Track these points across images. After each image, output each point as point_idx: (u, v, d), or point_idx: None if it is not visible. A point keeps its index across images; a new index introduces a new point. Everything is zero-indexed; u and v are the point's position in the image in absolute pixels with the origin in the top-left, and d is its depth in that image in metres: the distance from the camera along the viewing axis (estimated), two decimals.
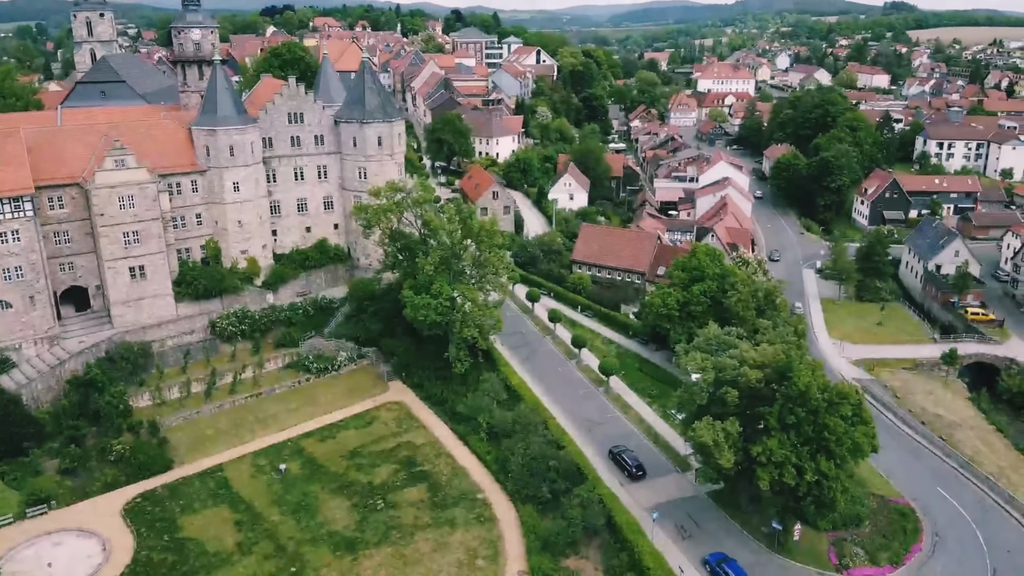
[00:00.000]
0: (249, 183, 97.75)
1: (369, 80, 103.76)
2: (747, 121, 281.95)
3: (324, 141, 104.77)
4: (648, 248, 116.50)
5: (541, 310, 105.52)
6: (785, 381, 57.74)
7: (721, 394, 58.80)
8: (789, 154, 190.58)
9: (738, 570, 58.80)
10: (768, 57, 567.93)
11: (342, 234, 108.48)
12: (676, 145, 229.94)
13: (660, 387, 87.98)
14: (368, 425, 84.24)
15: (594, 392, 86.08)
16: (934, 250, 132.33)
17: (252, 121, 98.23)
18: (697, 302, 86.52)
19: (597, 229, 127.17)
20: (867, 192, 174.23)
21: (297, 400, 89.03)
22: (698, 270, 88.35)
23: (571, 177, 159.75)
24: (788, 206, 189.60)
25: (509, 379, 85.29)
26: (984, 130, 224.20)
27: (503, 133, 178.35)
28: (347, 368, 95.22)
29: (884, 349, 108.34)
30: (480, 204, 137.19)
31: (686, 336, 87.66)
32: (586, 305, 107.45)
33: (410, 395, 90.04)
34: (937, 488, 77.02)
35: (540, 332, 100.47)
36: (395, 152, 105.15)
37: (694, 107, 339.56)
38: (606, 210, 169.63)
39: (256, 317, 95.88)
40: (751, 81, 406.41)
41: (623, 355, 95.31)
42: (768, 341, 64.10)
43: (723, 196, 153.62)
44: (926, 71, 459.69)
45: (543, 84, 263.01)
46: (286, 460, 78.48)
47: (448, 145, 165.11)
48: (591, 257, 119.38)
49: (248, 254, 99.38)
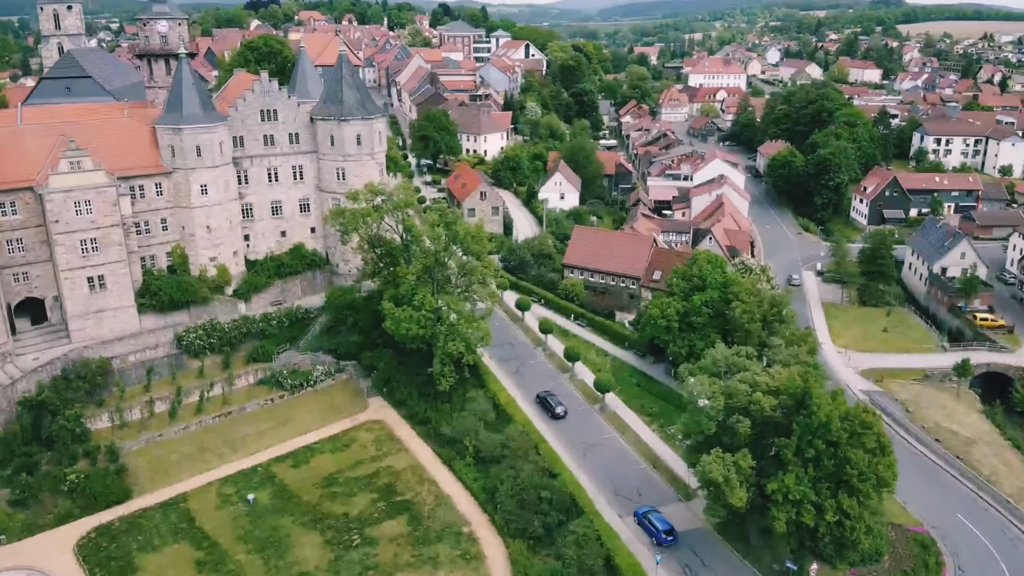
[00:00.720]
0: (218, 185, 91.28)
1: (347, 75, 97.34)
2: (740, 117, 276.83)
3: (299, 140, 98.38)
4: (643, 252, 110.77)
5: (532, 319, 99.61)
6: (803, 410, 52.09)
7: (732, 423, 53.12)
8: (785, 151, 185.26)
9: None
10: (758, 51, 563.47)
11: (320, 239, 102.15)
12: (668, 142, 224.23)
13: (659, 404, 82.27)
14: (345, 448, 78.14)
15: (589, 410, 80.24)
16: (939, 251, 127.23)
17: (221, 119, 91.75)
18: (698, 313, 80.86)
19: (590, 232, 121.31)
20: (866, 190, 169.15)
21: (269, 420, 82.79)
22: (699, 278, 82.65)
23: (562, 176, 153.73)
24: (784, 205, 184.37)
25: (497, 397, 79.36)
26: (982, 126, 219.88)
27: (491, 130, 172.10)
28: (324, 384, 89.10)
29: (892, 358, 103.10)
30: (467, 205, 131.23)
31: (685, 348, 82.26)
32: (579, 314, 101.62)
33: (391, 413, 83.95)
34: (957, 515, 71.76)
35: (531, 343, 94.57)
36: (375, 152, 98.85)
37: (685, 102, 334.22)
38: (598, 210, 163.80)
39: (226, 329, 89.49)
40: (742, 76, 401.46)
41: (619, 368, 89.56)
42: (782, 362, 58.49)
43: (719, 195, 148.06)
44: (917, 65, 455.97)
45: (532, 79, 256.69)
46: (255, 488, 72.29)
47: (434, 142, 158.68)
48: (584, 261, 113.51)
49: (218, 261, 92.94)
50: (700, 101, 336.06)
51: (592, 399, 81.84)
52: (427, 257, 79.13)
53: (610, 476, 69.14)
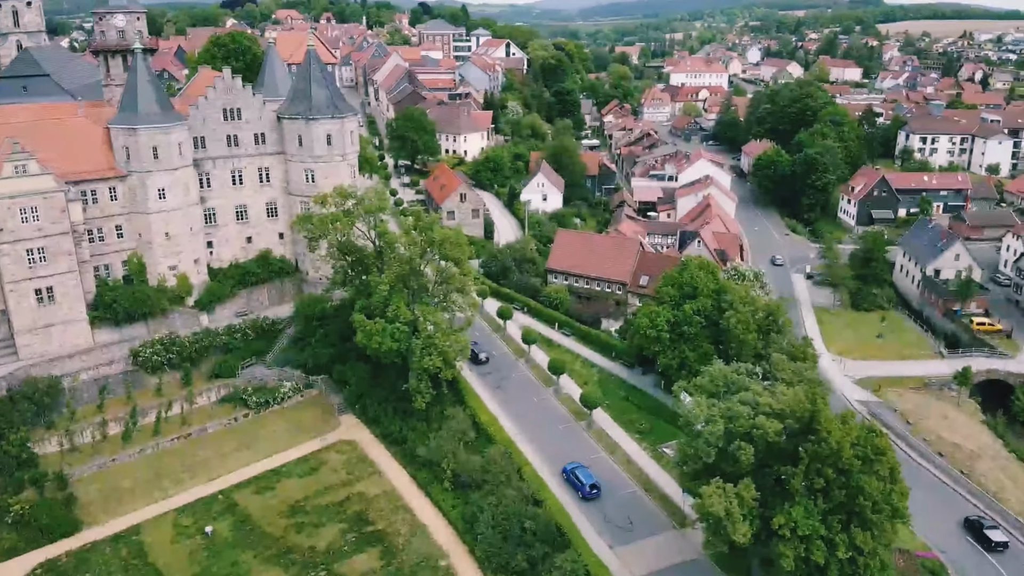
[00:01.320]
0: (177, 189, 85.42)
1: (316, 71, 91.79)
2: (723, 116, 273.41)
3: (266, 140, 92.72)
4: (630, 256, 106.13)
5: (514, 328, 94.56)
6: (811, 435, 47.44)
7: (733, 450, 48.35)
8: (771, 151, 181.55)
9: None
10: (738, 51, 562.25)
11: (288, 245, 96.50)
12: (652, 141, 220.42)
13: (649, 419, 77.45)
14: (314, 472, 72.67)
15: (575, 428, 75.25)
16: (932, 253, 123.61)
17: (179, 118, 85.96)
18: (690, 323, 76.15)
19: (573, 235, 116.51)
20: (854, 190, 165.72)
21: (232, 442, 77.15)
22: (690, 286, 77.98)
23: (544, 176, 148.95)
24: (770, 205, 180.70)
25: (478, 415, 74.14)
26: (967, 124, 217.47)
27: (471, 129, 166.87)
28: (292, 401, 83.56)
29: (888, 366, 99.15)
30: (446, 207, 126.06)
31: (677, 359, 77.55)
32: (564, 322, 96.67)
33: (364, 433, 78.58)
34: (966, 537, 67.63)
35: (513, 354, 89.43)
36: (347, 153, 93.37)
37: (668, 101, 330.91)
38: (582, 211, 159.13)
39: (186, 343, 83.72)
40: (724, 75, 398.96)
41: (606, 381, 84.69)
42: (785, 380, 53.89)
43: (706, 196, 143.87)
44: (898, 64, 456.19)
45: (513, 78, 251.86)
46: (215, 519, 66.73)
47: (411, 142, 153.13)
48: (568, 266, 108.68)
49: (178, 270, 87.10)
50: (682, 100, 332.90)
51: (579, 415, 76.89)
52: (401, 265, 73.85)
53: (599, 501, 64.19)
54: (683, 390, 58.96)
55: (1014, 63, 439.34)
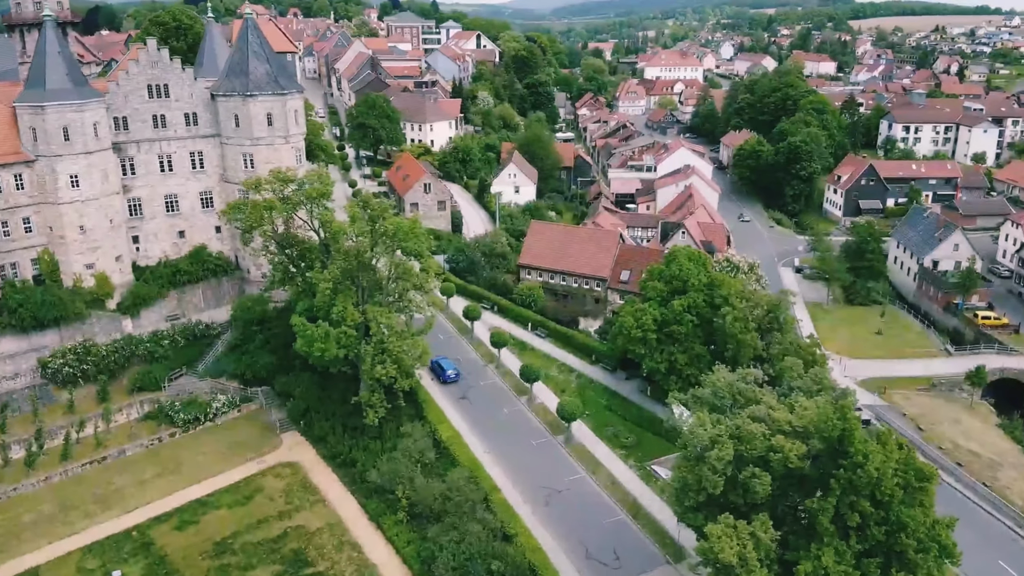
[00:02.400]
0: (93, 176, 74.68)
1: (254, 42, 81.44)
2: (700, 108, 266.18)
3: (198, 121, 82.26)
4: (609, 249, 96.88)
5: (483, 329, 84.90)
6: (842, 459, 38.36)
7: (745, 479, 39.16)
8: (752, 140, 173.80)
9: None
10: (711, 47, 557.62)
11: (227, 239, 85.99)
12: (628, 133, 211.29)
13: (635, 431, 68.19)
14: (247, 501, 62.40)
15: (551, 443, 65.75)
16: (929, 243, 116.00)
17: (95, 95, 75.21)
18: (680, 321, 66.93)
19: (548, 227, 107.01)
20: (840, 180, 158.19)
21: (153, 466, 66.64)
22: (679, 280, 68.79)
23: (516, 167, 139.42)
24: (753, 197, 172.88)
25: (439, 431, 64.34)
26: (951, 113, 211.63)
27: (438, 118, 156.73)
28: (227, 416, 73.29)
29: (891, 365, 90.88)
30: (409, 199, 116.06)
31: (665, 363, 68.27)
32: (538, 323, 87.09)
33: (309, 452, 68.43)
34: (999, 561, 59.14)
35: (481, 359, 79.73)
36: (291, 135, 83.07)
37: (643, 95, 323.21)
38: (557, 204, 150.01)
39: (104, 352, 73.18)
40: (699, 69, 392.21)
41: (586, 388, 75.32)
42: (801, 390, 44.84)
43: (687, 186, 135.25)
44: (872, 58, 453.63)
45: (484, 67, 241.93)
46: (125, 561, 56.33)
47: (373, 131, 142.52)
48: (542, 261, 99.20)
49: (96, 269, 76.32)
50: (658, 94, 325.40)
51: (555, 428, 67.39)
52: (347, 259, 63.79)
53: (580, 532, 54.79)
54: (678, 402, 49.70)
55: (988, 56, 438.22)
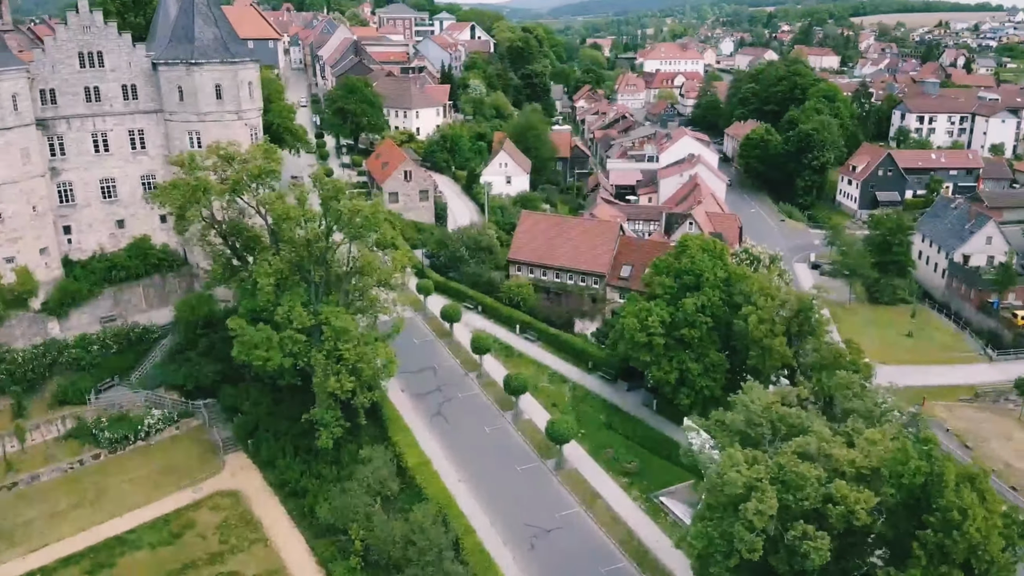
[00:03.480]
0: (11, 155, 64.36)
1: (201, 3, 70.97)
2: (702, 99, 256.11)
3: (138, 94, 71.83)
4: (607, 242, 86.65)
5: (464, 332, 74.64)
6: (928, 515, 28.11)
7: (794, 541, 28.89)
8: (760, 129, 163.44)
9: None
10: (711, 43, 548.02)
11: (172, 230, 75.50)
12: (628, 124, 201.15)
13: (639, 453, 57.98)
14: (175, 539, 52.11)
15: (540, 469, 55.48)
16: (959, 237, 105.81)
17: (16, 63, 64.93)
18: (693, 323, 56.63)
19: (540, 218, 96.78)
20: (856, 170, 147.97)
21: (71, 495, 56.34)
22: (691, 274, 58.48)
23: (508, 156, 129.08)
24: (760, 190, 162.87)
25: (405, 455, 53.91)
26: (966, 103, 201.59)
27: (425, 104, 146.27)
28: (163, 435, 62.97)
29: (926, 372, 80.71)
30: (388, 188, 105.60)
31: (675, 373, 57.91)
32: (527, 324, 76.74)
33: (255, 479, 58.20)
34: None
35: (461, 367, 69.40)
36: (244, 110, 72.67)
37: (642, 88, 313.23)
38: (551, 196, 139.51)
39: (21, 359, 62.69)
40: (700, 62, 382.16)
41: (582, 401, 65.03)
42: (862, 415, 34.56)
43: (693, 176, 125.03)
44: (876, 52, 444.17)
45: (478, 57, 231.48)
46: None
47: (353, 117, 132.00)
48: (533, 255, 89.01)
49: (17, 263, 65.93)
50: (657, 87, 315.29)
51: (545, 450, 57.05)
52: (296, 249, 53.46)
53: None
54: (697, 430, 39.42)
55: (995, 50, 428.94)
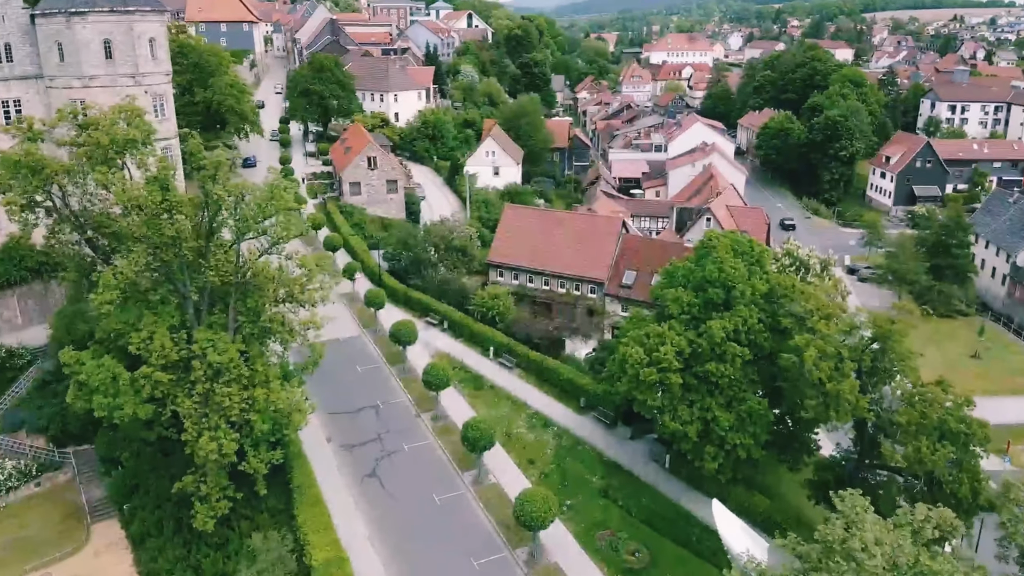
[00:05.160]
0: None
1: None
2: (713, 89, 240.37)
3: (13, 55, 56.64)
4: (608, 242, 71.01)
5: (423, 356, 59.12)
6: None
7: None
8: (781, 117, 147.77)
9: None
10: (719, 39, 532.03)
11: None
12: (633, 114, 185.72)
13: (646, 536, 42.22)
14: None
15: (506, 563, 39.71)
16: (1023, 236, 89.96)
17: None
18: (722, 355, 40.79)
19: (528, 213, 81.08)
20: (889, 161, 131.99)
21: None
22: (718, 286, 42.68)
23: (496, 143, 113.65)
24: (780, 184, 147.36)
25: (310, 547, 37.77)
26: (1000, 91, 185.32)
27: (405, 87, 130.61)
28: (17, 494, 47.50)
29: (1005, 405, 64.85)
30: (348, 177, 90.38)
31: (696, 422, 42.01)
32: (503, 345, 60.98)
33: (124, 561, 42.68)
34: None
35: (414, 405, 53.68)
36: (144, 73, 57.26)
37: (648, 80, 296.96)
38: (546, 191, 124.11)
39: None
40: (709, 54, 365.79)
41: (569, 454, 49.23)
42: None
43: (707, 166, 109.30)
44: (892, 45, 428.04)
45: (471, 43, 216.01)
46: None
47: (320, 100, 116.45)
48: (518, 257, 73.44)
49: None
50: (664, 79, 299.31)
51: (516, 535, 41.22)
52: (158, 249, 37.84)
53: None
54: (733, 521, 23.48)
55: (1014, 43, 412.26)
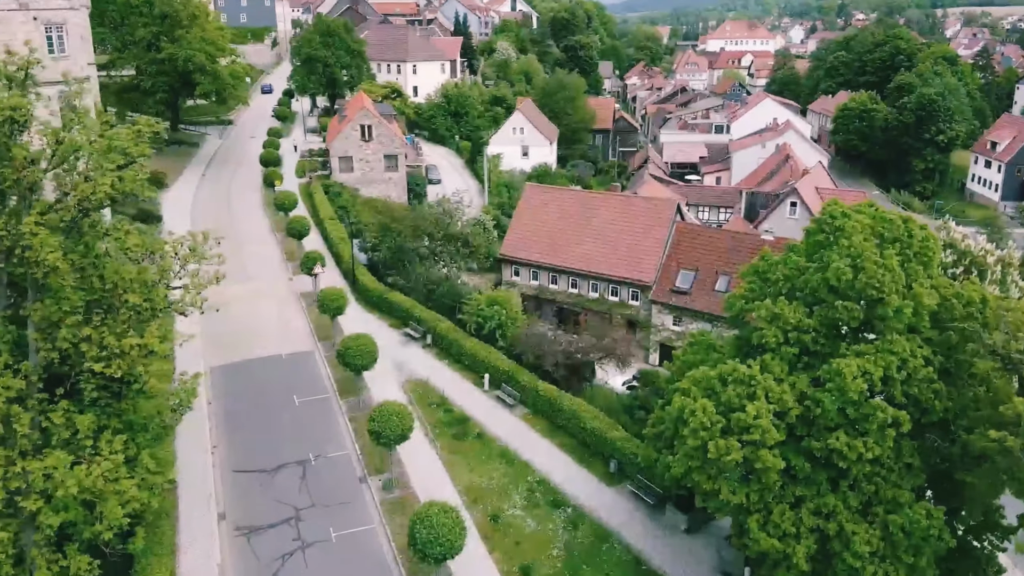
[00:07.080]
0: None
1: None
2: (778, 74, 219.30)
3: None
4: (657, 231, 53.29)
5: (389, 382, 42.22)
6: None
7: None
8: (864, 97, 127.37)
9: None
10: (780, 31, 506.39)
11: None
12: (688, 97, 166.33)
13: None
14: None
15: None
16: None
17: None
18: (858, 420, 22.95)
19: (554, 195, 63.30)
20: (996, 148, 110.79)
21: None
22: (850, 295, 24.78)
23: (525, 118, 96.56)
24: (861, 174, 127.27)
25: None
26: None
27: (426, 57, 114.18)
28: None
29: None
30: (337, 150, 73.94)
31: (810, 539, 24.16)
32: (503, 374, 43.33)
33: None
34: None
35: (359, 462, 36.37)
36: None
37: (704, 68, 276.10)
38: (583, 177, 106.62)
39: None
40: (770, 41, 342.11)
41: (590, 555, 31.45)
42: None
43: (781, 146, 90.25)
44: (967, 36, 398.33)
45: (510, 22, 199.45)
46: None
47: (326, 69, 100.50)
48: (536, 251, 56.28)
49: None
50: (722, 67, 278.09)
51: None
52: None
53: None
54: None
55: None
